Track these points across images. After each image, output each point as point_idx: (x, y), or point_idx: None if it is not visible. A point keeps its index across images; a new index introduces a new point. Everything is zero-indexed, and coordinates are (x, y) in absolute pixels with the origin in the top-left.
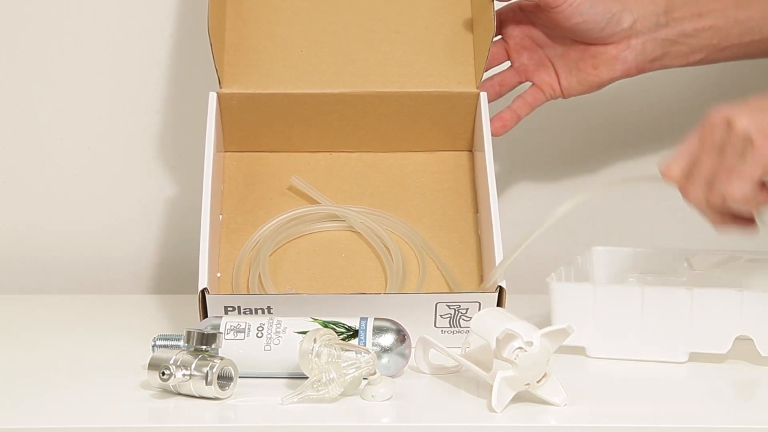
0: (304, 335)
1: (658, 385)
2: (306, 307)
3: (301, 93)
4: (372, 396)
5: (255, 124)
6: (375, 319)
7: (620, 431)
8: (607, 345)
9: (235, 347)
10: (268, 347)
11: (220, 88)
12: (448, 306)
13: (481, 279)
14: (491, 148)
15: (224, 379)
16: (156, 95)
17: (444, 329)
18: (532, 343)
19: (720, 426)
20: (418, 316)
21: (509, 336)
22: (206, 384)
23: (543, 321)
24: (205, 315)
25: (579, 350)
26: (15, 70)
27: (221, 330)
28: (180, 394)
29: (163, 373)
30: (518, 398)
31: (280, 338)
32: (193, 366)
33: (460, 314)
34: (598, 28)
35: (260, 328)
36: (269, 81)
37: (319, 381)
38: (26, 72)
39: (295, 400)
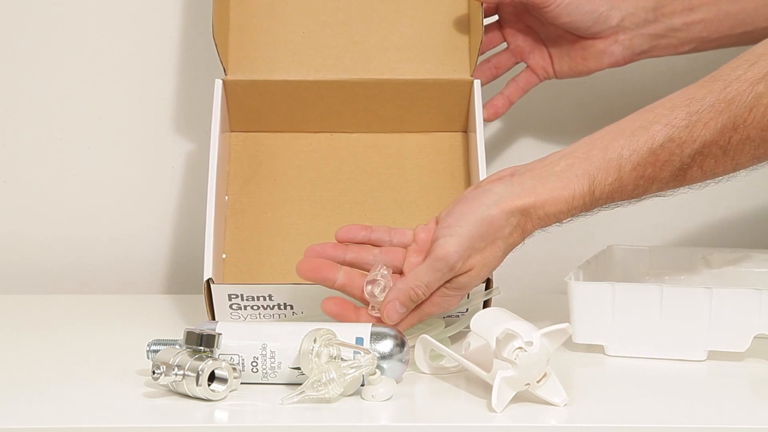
0: (303, 338)
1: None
2: (302, 295)
3: (303, 80)
4: (372, 396)
5: (259, 108)
6: (373, 325)
7: (621, 431)
8: (626, 343)
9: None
10: (265, 379)
11: (226, 75)
12: None
13: None
14: (483, 134)
15: (219, 380)
16: (155, 95)
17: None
18: (532, 343)
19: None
20: None
21: (509, 336)
22: (197, 384)
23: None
24: (210, 304)
25: (598, 348)
26: (15, 70)
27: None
28: (181, 394)
29: (154, 372)
30: (518, 398)
31: (276, 373)
32: (187, 366)
33: None
34: (585, 26)
35: (254, 363)
36: (273, 66)
37: (319, 381)
38: (26, 72)
39: (295, 400)
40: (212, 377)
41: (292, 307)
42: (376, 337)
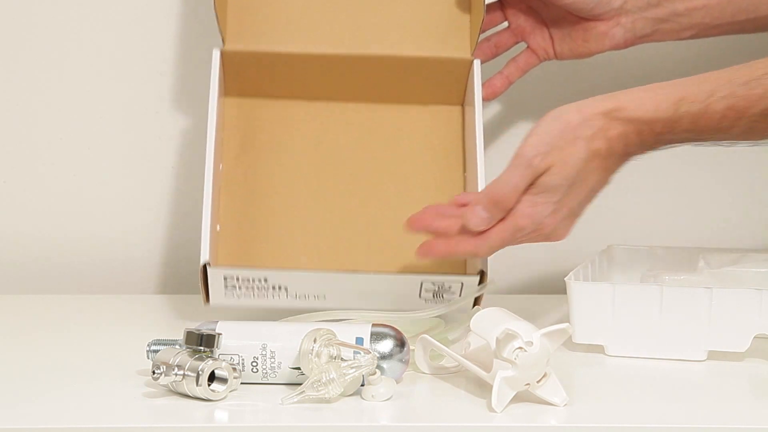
0: (303, 338)
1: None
2: (296, 278)
3: (301, 53)
4: (372, 396)
5: (256, 79)
6: (373, 325)
7: (621, 431)
8: (626, 343)
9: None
10: (265, 379)
11: (224, 45)
12: (433, 284)
13: None
14: (481, 111)
15: (219, 380)
16: (156, 94)
17: (427, 299)
18: (532, 343)
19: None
20: (403, 290)
21: (509, 336)
22: (197, 384)
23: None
24: (205, 284)
25: (598, 348)
26: (15, 69)
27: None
28: (181, 394)
29: (154, 372)
30: (518, 398)
31: (276, 373)
32: (187, 366)
33: (443, 290)
34: (587, 8)
35: (254, 363)
36: (271, 38)
37: (319, 381)
38: (26, 72)
39: (295, 400)
40: (212, 377)
41: (286, 289)
42: (376, 337)
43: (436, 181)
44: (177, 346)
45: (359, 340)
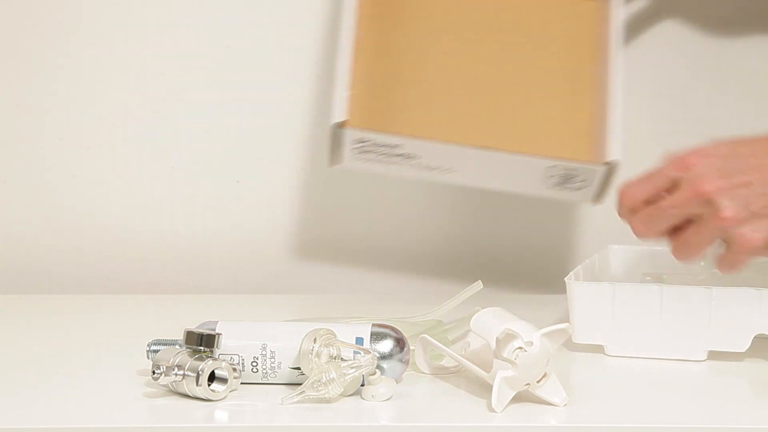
0: (303, 338)
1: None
2: (428, 151)
3: None
4: (372, 396)
5: None
6: (373, 325)
7: (621, 431)
8: (626, 343)
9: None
10: (265, 379)
11: None
12: (560, 169)
13: (589, 137)
14: (621, 8)
15: (219, 380)
16: (158, 94)
17: (549, 186)
18: (532, 343)
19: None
20: (530, 173)
21: (509, 336)
22: (197, 384)
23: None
24: (333, 146)
25: (598, 349)
26: (15, 69)
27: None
28: (181, 394)
29: (154, 372)
30: (518, 398)
31: (275, 373)
32: (187, 366)
33: (568, 178)
34: None
35: (254, 363)
36: None
37: (319, 381)
38: (26, 71)
39: (295, 400)
40: (212, 377)
41: (416, 159)
42: (376, 337)
43: (567, 72)
44: (177, 346)
45: (359, 340)
